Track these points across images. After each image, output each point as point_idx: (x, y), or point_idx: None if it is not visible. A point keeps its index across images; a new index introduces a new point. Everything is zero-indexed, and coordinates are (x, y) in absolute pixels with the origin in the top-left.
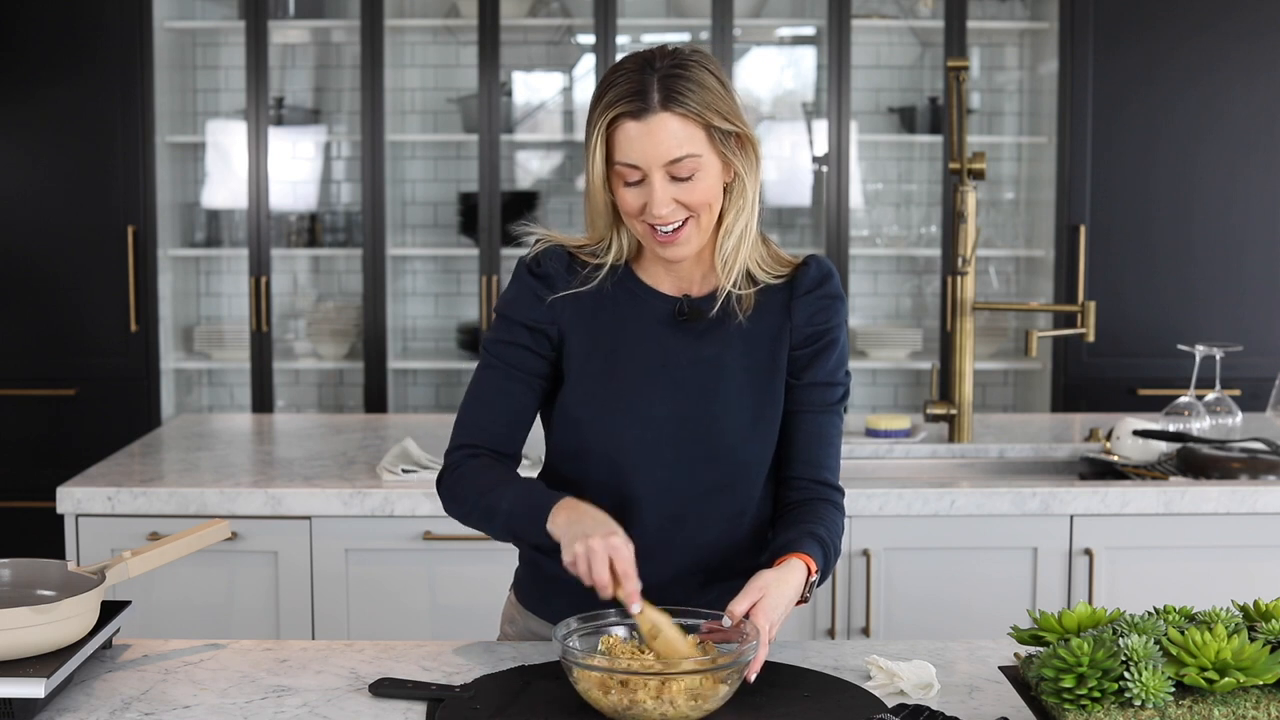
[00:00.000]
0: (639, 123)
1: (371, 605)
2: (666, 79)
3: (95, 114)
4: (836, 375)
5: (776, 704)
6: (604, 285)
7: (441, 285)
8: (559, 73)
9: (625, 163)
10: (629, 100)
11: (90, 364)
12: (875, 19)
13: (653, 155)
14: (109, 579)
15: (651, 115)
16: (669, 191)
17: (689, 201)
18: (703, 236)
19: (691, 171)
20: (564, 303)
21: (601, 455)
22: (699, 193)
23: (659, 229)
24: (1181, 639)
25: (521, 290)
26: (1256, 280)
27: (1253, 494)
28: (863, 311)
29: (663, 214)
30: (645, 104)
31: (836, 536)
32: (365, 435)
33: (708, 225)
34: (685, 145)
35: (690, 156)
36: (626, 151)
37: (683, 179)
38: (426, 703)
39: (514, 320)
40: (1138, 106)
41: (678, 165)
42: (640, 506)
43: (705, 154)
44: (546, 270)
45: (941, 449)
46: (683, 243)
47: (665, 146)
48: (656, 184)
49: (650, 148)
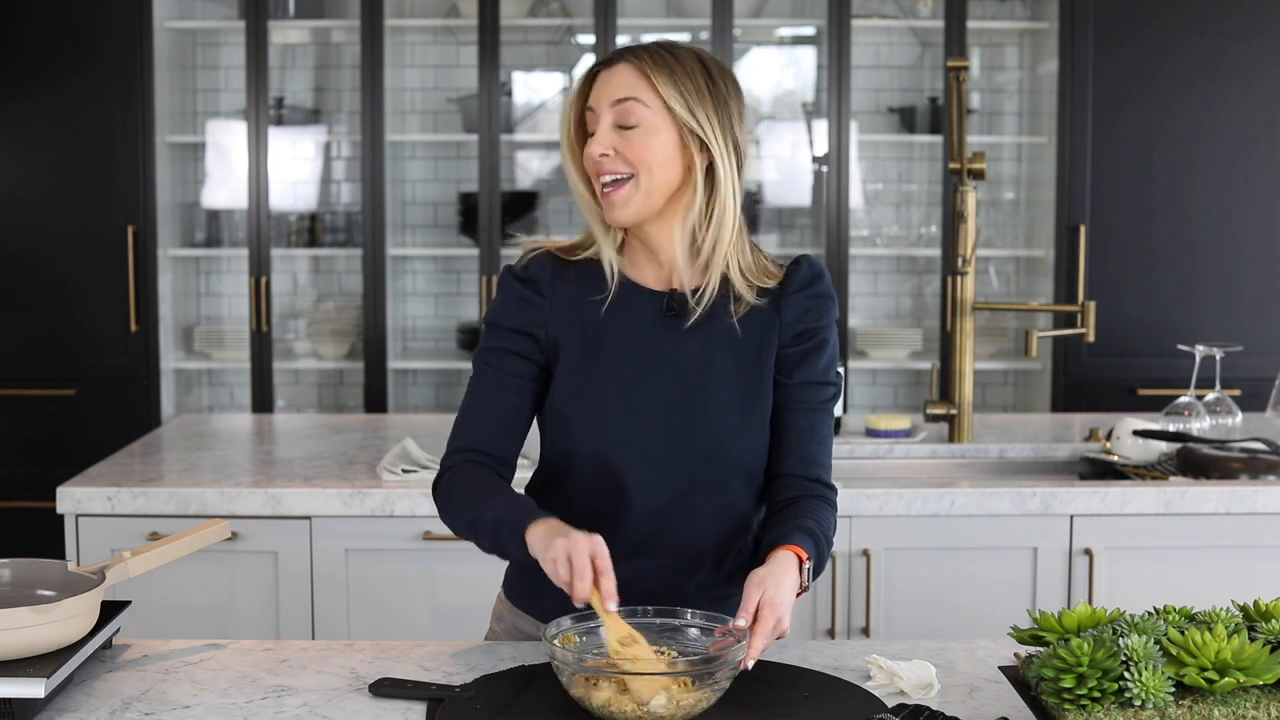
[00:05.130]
0: (605, 70)
1: (371, 605)
2: (641, 47)
3: (95, 114)
4: (828, 375)
5: (776, 704)
6: (592, 283)
7: (441, 285)
8: (559, 73)
9: (587, 106)
10: (606, 57)
11: (90, 364)
12: (875, 19)
13: (602, 94)
14: (109, 579)
15: (615, 65)
16: (610, 137)
17: (627, 154)
18: (644, 201)
19: (635, 121)
20: (552, 304)
21: (591, 451)
22: (637, 147)
23: (602, 180)
24: (1181, 639)
25: (508, 297)
26: (1256, 280)
27: (1253, 494)
28: (863, 311)
29: (596, 153)
30: (617, 56)
31: (828, 528)
32: (365, 435)
33: (649, 190)
34: (632, 89)
35: (634, 100)
36: (589, 96)
37: (626, 126)
38: (426, 703)
39: (503, 327)
40: (1138, 106)
41: (621, 107)
42: (629, 501)
43: (653, 109)
44: (532, 275)
45: (941, 449)
46: (620, 204)
47: (614, 87)
48: (602, 126)
49: (602, 88)
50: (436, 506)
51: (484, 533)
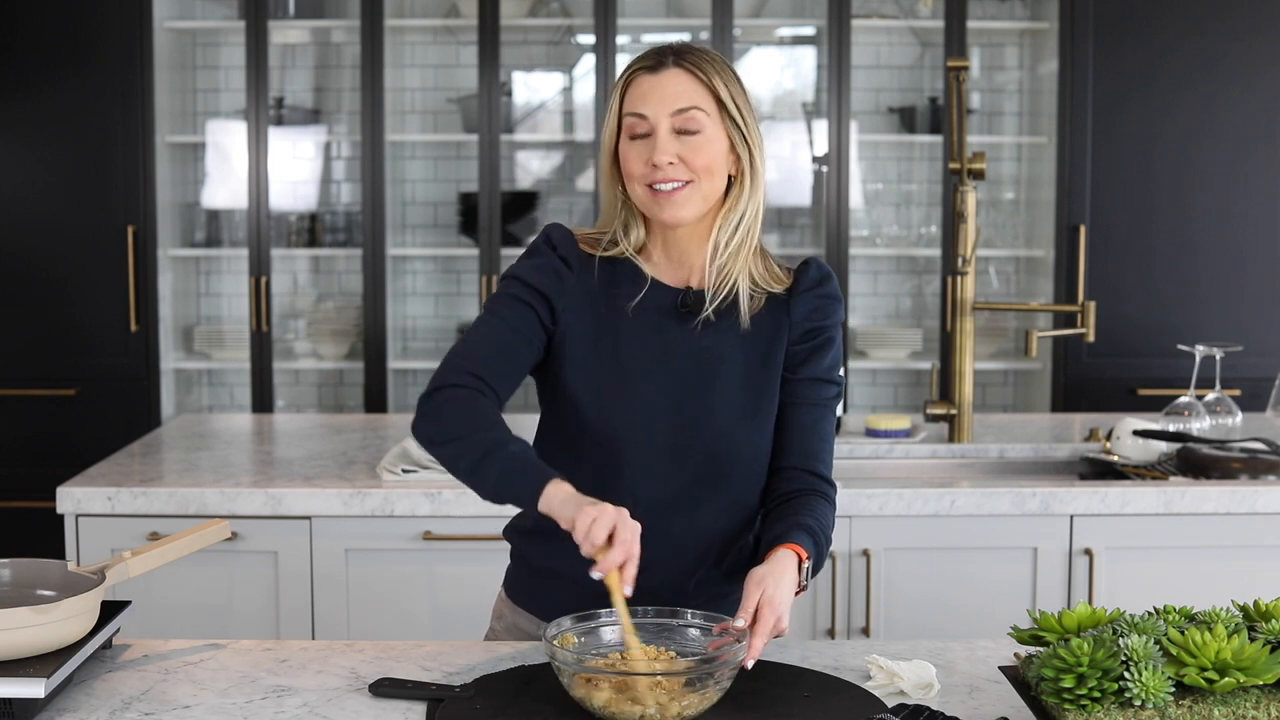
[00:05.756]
0: (653, 75)
1: (371, 605)
2: (684, 51)
3: (95, 114)
4: (832, 374)
5: (776, 704)
6: (612, 276)
7: (441, 285)
8: (559, 73)
9: (634, 112)
10: (646, 59)
11: (90, 364)
12: (875, 19)
13: (660, 103)
14: (109, 579)
15: (665, 69)
16: (672, 144)
17: (691, 161)
18: (701, 204)
19: (697, 127)
20: (575, 285)
21: (598, 440)
22: (702, 154)
23: (658, 187)
24: (1181, 639)
25: (539, 262)
26: (1256, 280)
27: (1253, 494)
28: (863, 311)
29: (662, 161)
30: (661, 61)
31: (827, 526)
32: (365, 435)
33: (708, 194)
34: (693, 98)
35: (696, 109)
36: (637, 101)
37: (689, 133)
38: (426, 703)
39: (526, 283)
40: (1138, 106)
41: (684, 116)
42: (634, 492)
43: (711, 115)
44: (566, 251)
45: (941, 449)
46: (681, 204)
47: (673, 96)
48: (661, 133)
49: (658, 97)
50: (419, 414)
51: (492, 463)
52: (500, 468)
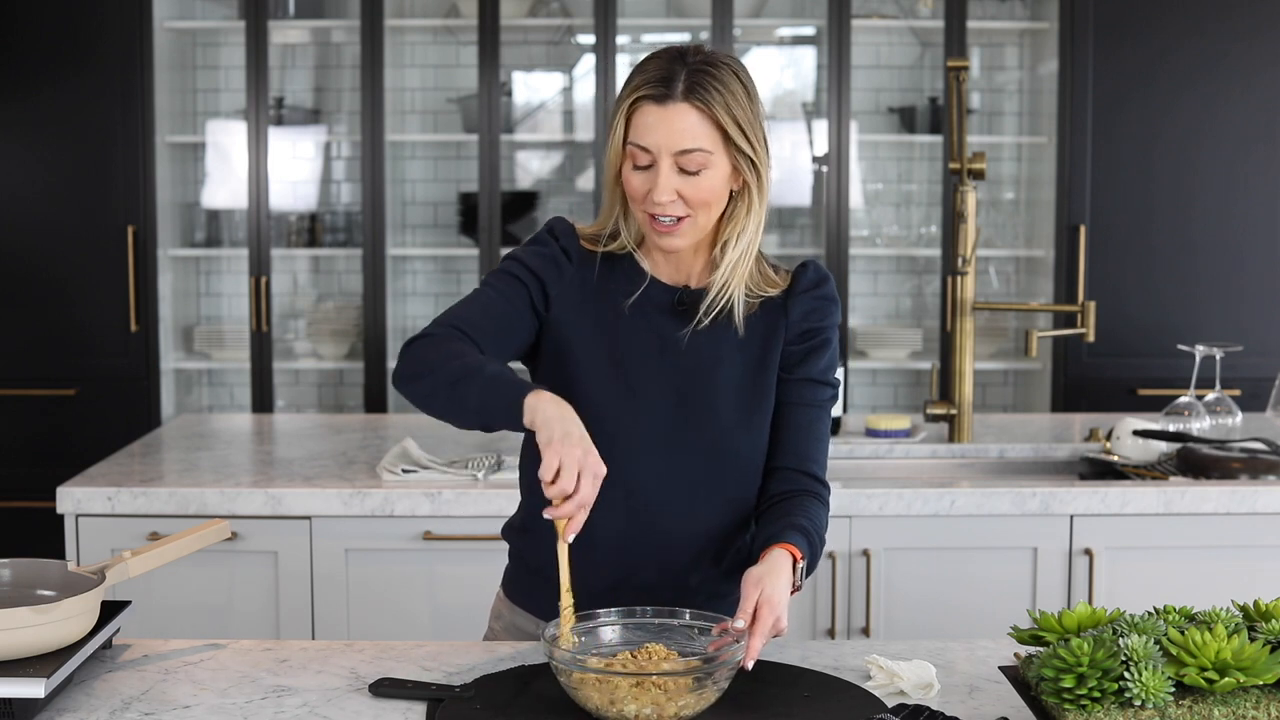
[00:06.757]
0: (659, 107)
1: (371, 605)
2: (695, 73)
3: (95, 114)
4: (827, 376)
5: (776, 704)
6: (610, 272)
7: (441, 285)
8: (559, 73)
9: (638, 144)
10: (654, 85)
11: (90, 364)
12: (875, 19)
13: (664, 141)
14: (109, 579)
15: (672, 102)
16: (674, 181)
17: (690, 197)
18: (699, 233)
19: (699, 167)
20: (574, 278)
21: (595, 436)
22: (703, 190)
23: (658, 218)
24: (1181, 639)
25: (541, 250)
26: (1256, 280)
27: (1253, 494)
28: (863, 311)
29: (663, 202)
30: (668, 90)
31: (820, 527)
32: (365, 435)
33: (705, 224)
34: (698, 139)
35: (701, 151)
36: (642, 133)
37: (689, 172)
38: (426, 703)
39: (524, 264)
40: (1138, 106)
41: (687, 157)
42: (630, 491)
43: (716, 153)
44: (565, 244)
45: (941, 449)
46: (679, 235)
47: (678, 135)
48: (663, 171)
49: (664, 134)
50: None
51: (476, 380)
52: (481, 385)
